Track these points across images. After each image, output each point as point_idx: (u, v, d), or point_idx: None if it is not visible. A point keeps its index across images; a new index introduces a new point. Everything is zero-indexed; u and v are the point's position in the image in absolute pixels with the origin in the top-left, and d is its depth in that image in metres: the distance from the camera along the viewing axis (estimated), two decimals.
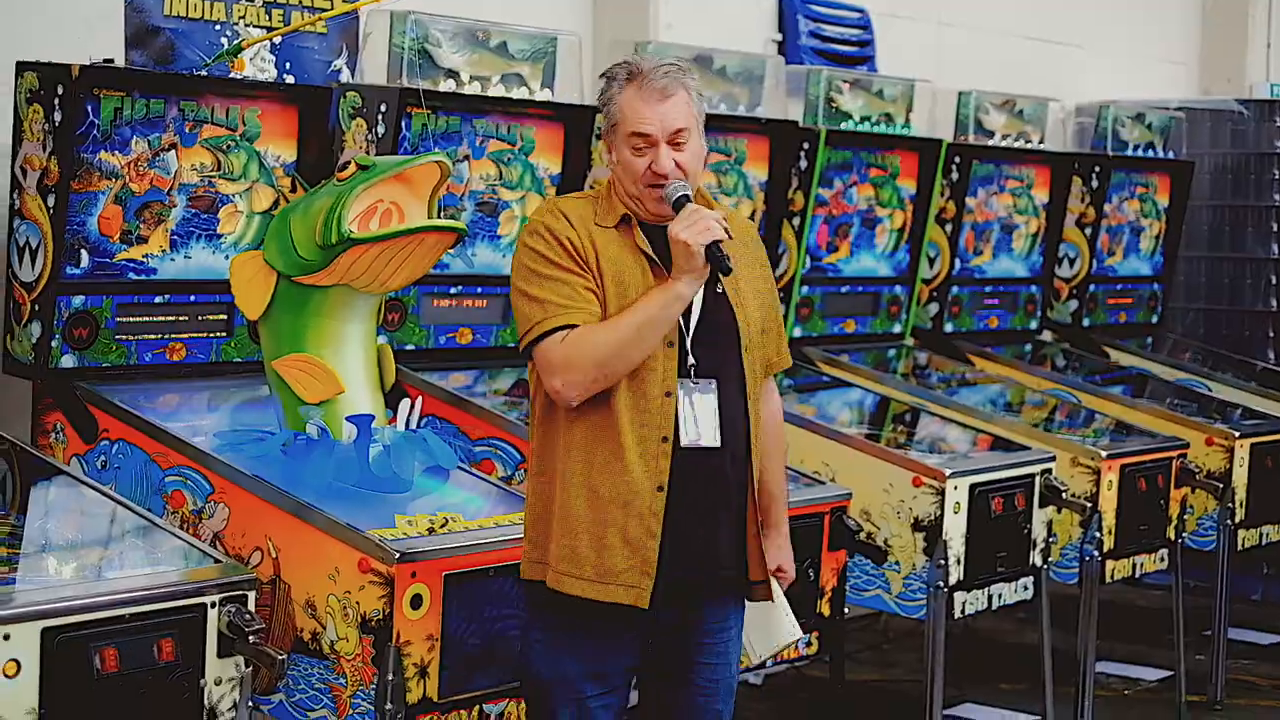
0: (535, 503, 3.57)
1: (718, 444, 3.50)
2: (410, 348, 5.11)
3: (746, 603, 3.67)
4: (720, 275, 3.47)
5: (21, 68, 4.38)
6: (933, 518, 5.32)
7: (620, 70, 3.56)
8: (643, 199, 3.53)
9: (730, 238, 3.43)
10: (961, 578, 5.37)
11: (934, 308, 7.19)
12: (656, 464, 3.46)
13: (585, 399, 3.47)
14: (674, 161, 3.50)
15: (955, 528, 5.33)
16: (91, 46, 4.48)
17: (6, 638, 3.19)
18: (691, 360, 3.51)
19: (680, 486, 3.48)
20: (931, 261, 7.13)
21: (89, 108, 4.33)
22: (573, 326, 3.45)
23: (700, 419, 3.49)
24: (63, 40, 4.66)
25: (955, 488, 5.32)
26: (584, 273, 3.49)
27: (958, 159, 7.06)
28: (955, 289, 7.23)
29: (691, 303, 3.51)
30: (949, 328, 7.25)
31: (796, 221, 6.40)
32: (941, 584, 5.30)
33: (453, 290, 5.23)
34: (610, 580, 3.46)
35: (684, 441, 3.48)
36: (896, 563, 5.39)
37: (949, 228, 7.13)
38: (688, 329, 3.53)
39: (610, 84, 3.56)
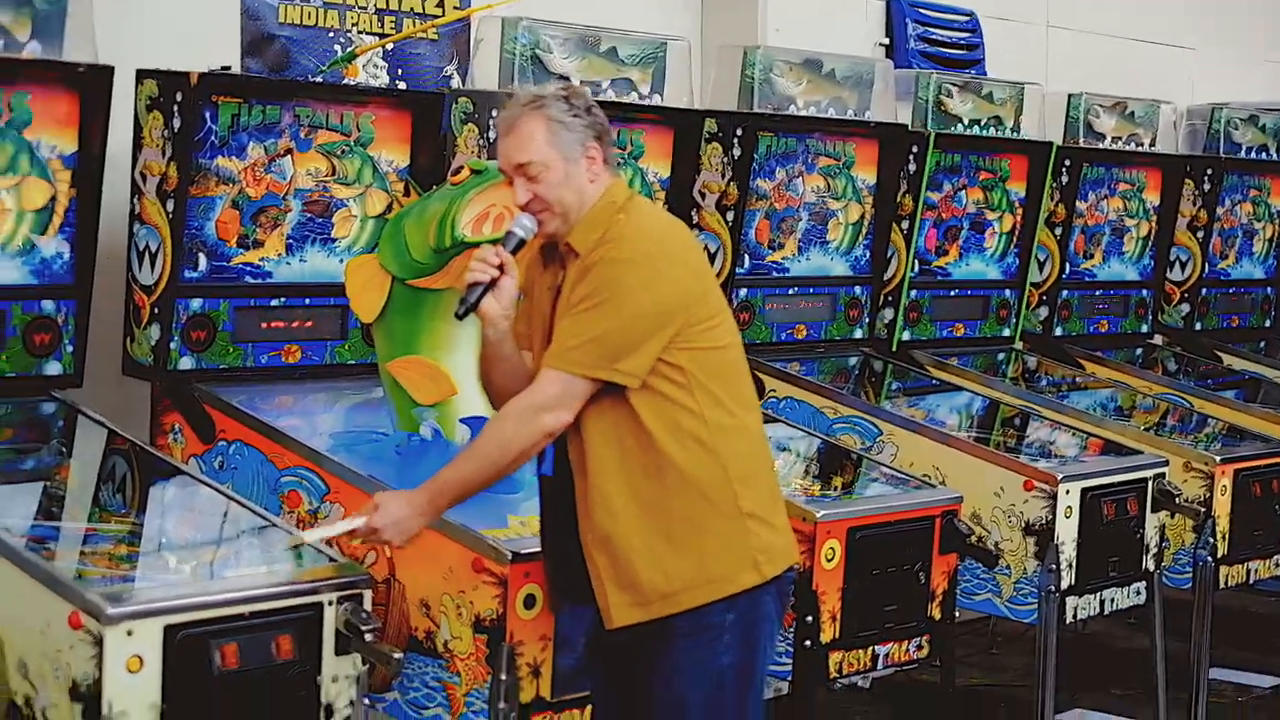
0: None
1: (550, 473, 3.64)
2: None
3: None
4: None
5: (141, 75, 4.46)
6: (1044, 522, 5.28)
7: None
8: None
9: (485, 280, 3.55)
10: (1073, 582, 5.32)
11: (1044, 311, 7.16)
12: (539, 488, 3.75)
13: None
14: (530, 193, 3.56)
15: (1067, 532, 5.29)
16: (208, 54, 4.56)
17: (130, 634, 3.24)
18: None
19: (543, 511, 3.75)
20: (1041, 265, 7.09)
21: (207, 114, 4.40)
22: None
23: (548, 449, 3.64)
24: (180, 48, 4.73)
25: (1067, 492, 5.28)
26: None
27: (1068, 162, 7.01)
28: (1065, 293, 7.18)
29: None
30: (1059, 331, 7.20)
31: (905, 225, 6.37)
32: (1053, 588, 5.26)
33: None
34: None
35: (534, 470, 3.70)
36: (1007, 567, 5.35)
37: (1059, 231, 7.09)
38: None
39: None
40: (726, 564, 3.56)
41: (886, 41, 7.44)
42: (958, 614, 5.05)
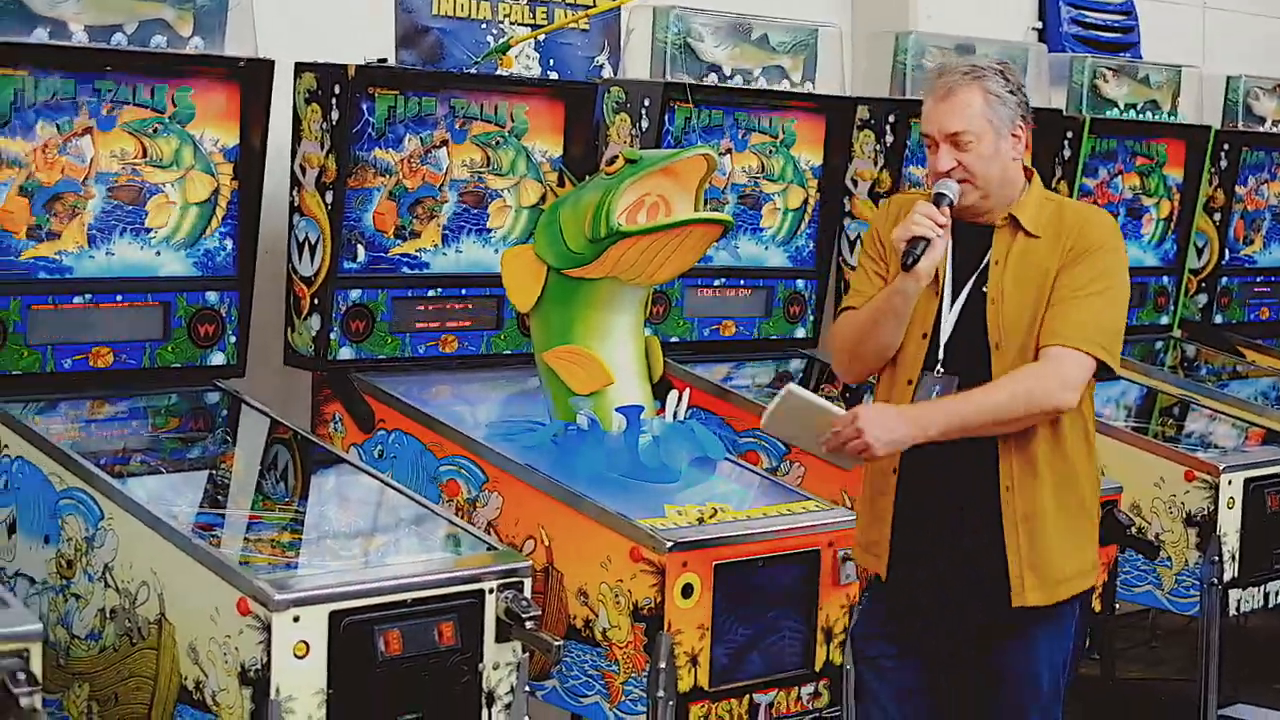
0: None
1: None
2: (674, 340, 5.15)
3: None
4: (977, 277, 3.56)
5: (300, 68, 4.51)
6: (1206, 513, 5.19)
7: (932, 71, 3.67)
8: None
9: (932, 237, 3.39)
10: (1236, 574, 5.23)
11: (1203, 299, 7.03)
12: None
13: (859, 380, 3.83)
14: (955, 161, 3.50)
15: (1230, 523, 5.20)
16: (363, 48, 4.60)
17: (296, 620, 3.29)
18: (941, 354, 3.55)
19: (912, 473, 3.58)
20: (1200, 252, 6.97)
21: (364, 107, 4.44)
22: (851, 309, 3.63)
23: None
24: (335, 41, 4.78)
25: (1230, 483, 5.19)
26: (877, 261, 3.65)
27: (1226, 146, 6.89)
28: (1225, 280, 7.05)
29: (955, 299, 3.57)
30: (1218, 319, 7.07)
31: None
32: (1215, 581, 5.17)
33: (716, 283, 5.25)
34: (868, 550, 3.69)
35: None
36: (1168, 558, 5.27)
37: (1218, 217, 6.96)
38: (941, 324, 3.57)
39: None
40: (1088, 561, 3.65)
41: (1040, 25, 7.34)
42: (1117, 606, 4.98)
